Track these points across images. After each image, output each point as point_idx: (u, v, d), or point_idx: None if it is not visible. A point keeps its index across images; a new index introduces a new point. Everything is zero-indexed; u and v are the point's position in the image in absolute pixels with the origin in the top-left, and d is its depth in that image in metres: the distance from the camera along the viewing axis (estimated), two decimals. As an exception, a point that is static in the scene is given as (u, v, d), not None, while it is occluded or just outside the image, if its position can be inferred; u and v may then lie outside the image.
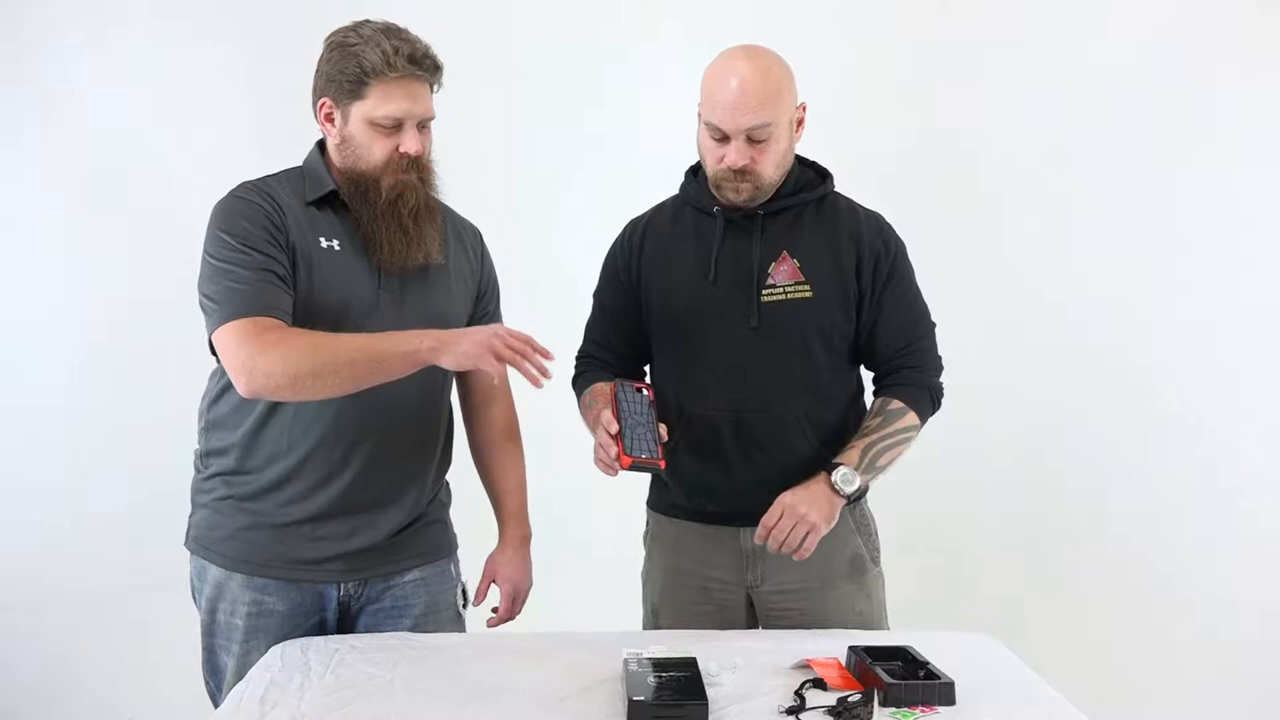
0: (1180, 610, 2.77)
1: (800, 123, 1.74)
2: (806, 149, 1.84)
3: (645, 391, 1.67)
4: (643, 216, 1.90)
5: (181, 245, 1.71)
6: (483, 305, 1.82)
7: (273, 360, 1.48)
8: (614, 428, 1.57)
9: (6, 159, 2.78)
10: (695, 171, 1.85)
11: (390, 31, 1.60)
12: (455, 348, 1.51)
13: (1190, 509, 2.78)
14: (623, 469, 1.56)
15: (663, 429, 1.62)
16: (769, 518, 1.65)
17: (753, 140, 1.66)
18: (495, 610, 1.85)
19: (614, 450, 1.55)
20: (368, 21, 1.62)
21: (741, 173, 1.68)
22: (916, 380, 1.79)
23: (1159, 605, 2.77)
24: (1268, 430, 2.75)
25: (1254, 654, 2.72)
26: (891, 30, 2.81)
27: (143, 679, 2.73)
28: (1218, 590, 2.75)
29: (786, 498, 1.65)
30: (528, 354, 1.51)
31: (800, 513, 1.63)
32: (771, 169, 1.70)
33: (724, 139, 1.68)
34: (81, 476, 2.78)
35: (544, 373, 1.52)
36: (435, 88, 1.66)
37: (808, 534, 1.63)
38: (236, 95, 2.75)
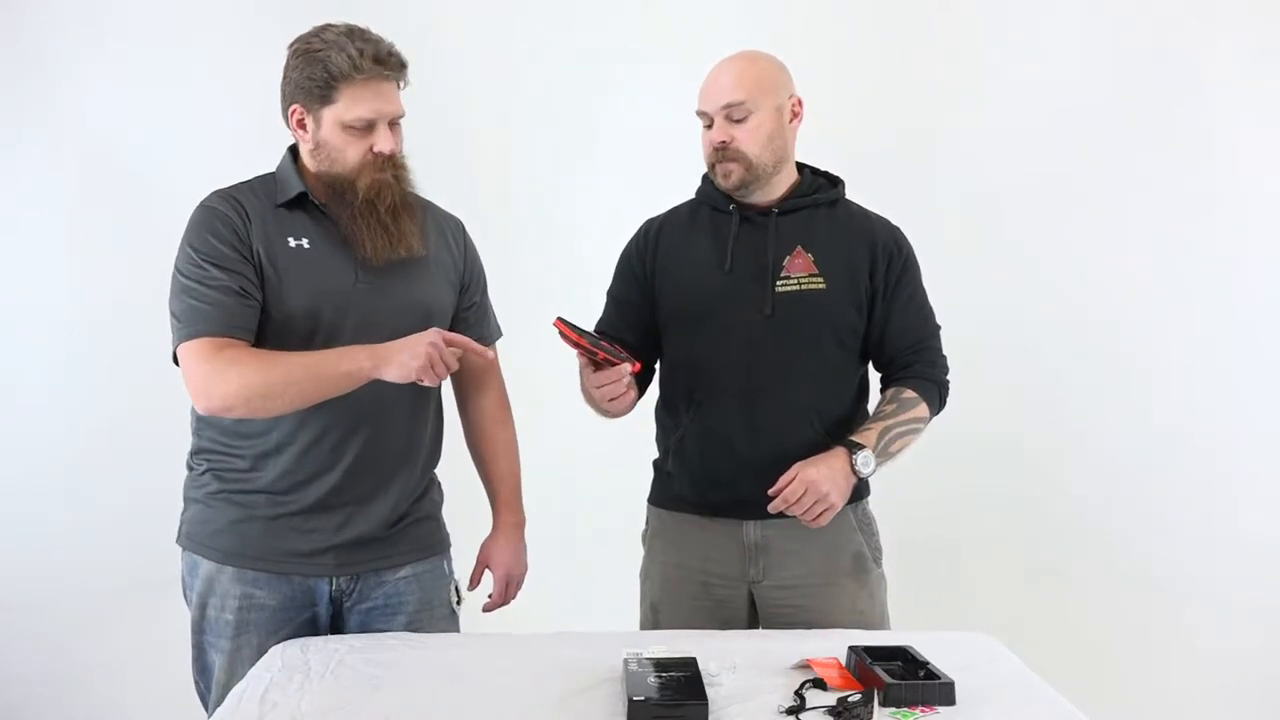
0: (1180, 611, 2.76)
1: (796, 115, 1.80)
2: (805, 149, 1.86)
3: (628, 363, 1.67)
4: (658, 216, 1.94)
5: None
6: (468, 296, 1.83)
7: (228, 381, 1.53)
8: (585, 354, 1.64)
9: (6, 159, 2.77)
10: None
11: (354, 34, 1.62)
12: (395, 359, 1.54)
13: (1191, 510, 2.77)
14: (597, 360, 1.62)
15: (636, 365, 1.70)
16: (790, 492, 1.65)
17: (731, 120, 1.75)
18: (491, 596, 1.86)
19: (590, 369, 1.64)
20: (330, 25, 1.63)
21: (723, 150, 1.76)
22: (927, 375, 1.82)
23: (1159, 606, 2.77)
24: (1268, 432, 2.75)
25: (1253, 656, 2.72)
26: (891, 29, 2.81)
27: (143, 679, 2.72)
28: (1218, 592, 2.74)
29: (809, 472, 1.66)
30: (468, 347, 1.60)
31: (823, 491, 1.65)
32: (755, 148, 1.76)
33: (711, 124, 1.78)
34: (81, 475, 2.78)
35: (484, 355, 1.65)
36: (402, 85, 1.67)
37: (824, 511, 1.65)
38: (236, 95, 2.74)
